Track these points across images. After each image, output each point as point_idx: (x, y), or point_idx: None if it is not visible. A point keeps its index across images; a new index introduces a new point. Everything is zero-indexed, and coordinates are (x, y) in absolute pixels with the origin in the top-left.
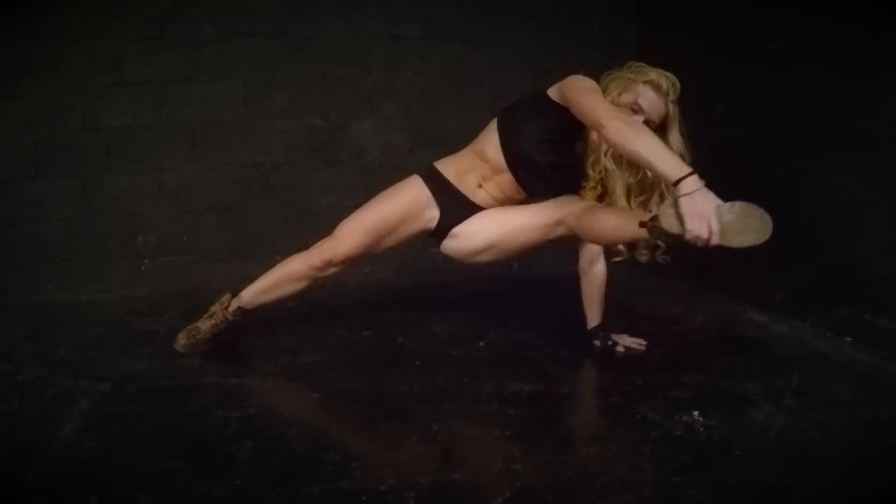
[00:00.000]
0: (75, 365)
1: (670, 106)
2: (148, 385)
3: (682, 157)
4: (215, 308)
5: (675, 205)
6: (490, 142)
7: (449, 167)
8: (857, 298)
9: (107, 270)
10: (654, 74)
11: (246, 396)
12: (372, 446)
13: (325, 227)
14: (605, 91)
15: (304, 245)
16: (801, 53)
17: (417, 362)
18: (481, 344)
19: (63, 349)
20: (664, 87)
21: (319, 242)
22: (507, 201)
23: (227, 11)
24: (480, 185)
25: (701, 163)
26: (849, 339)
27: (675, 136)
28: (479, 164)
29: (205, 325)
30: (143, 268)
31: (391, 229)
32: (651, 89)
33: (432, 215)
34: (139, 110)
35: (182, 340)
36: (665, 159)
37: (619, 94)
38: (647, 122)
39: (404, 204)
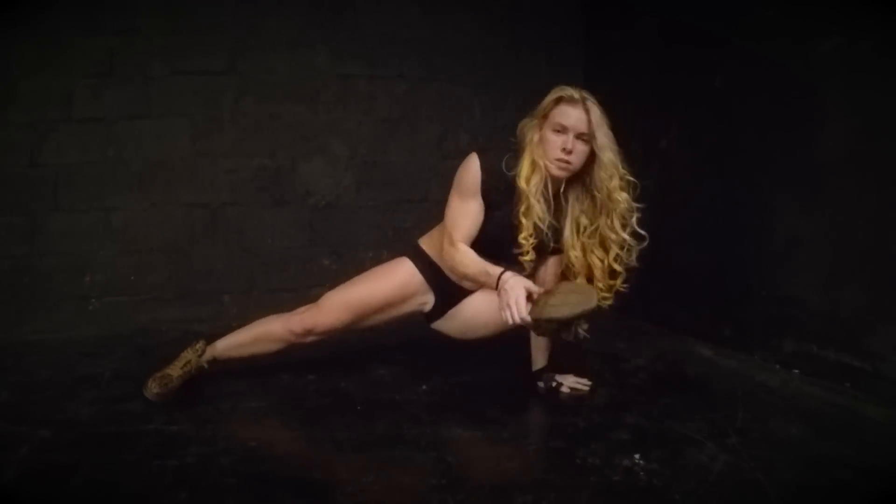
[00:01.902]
0: (17, 410)
1: (592, 108)
2: (89, 432)
3: (617, 170)
4: (188, 354)
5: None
6: None
7: (429, 246)
8: (803, 331)
9: (54, 310)
10: (559, 90)
11: (185, 444)
12: (302, 500)
13: (272, 268)
14: (524, 140)
15: (251, 285)
16: (743, 89)
17: (358, 408)
18: (424, 388)
19: (6, 392)
20: (576, 95)
21: (302, 308)
22: None
23: (177, 48)
24: None
25: (647, 197)
26: (796, 371)
27: (605, 149)
28: None
29: (176, 371)
30: (90, 307)
31: (376, 310)
32: (564, 104)
33: (426, 300)
34: (87, 147)
35: (154, 390)
36: (486, 275)
37: (538, 135)
38: (579, 137)
39: (395, 287)
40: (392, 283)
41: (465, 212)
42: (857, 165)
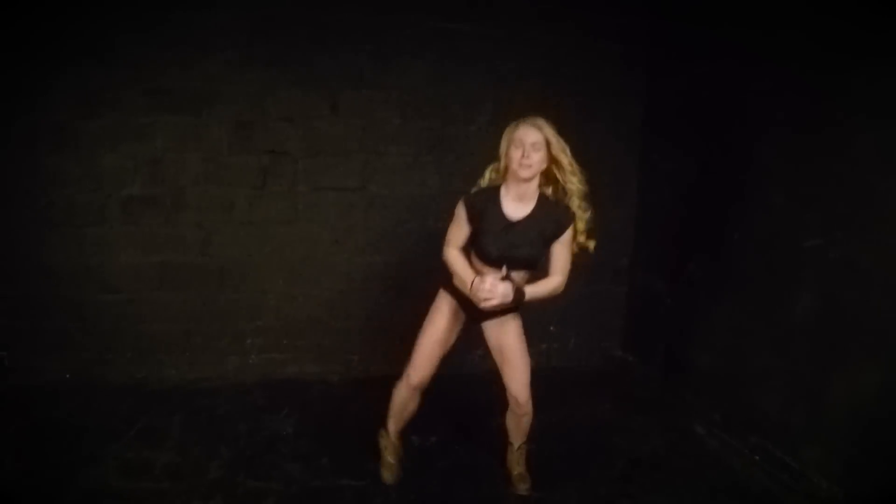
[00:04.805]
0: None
1: (541, 126)
2: (305, 486)
3: (574, 174)
4: (383, 442)
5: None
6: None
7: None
8: (764, 431)
9: (219, 363)
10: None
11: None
12: None
13: (390, 336)
14: (496, 171)
15: (373, 349)
16: None
17: None
18: None
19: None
20: (519, 121)
21: (407, 368)
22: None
23: (317, 169)
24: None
25: None
26: (757, 457)
27: (565, 159)
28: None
29: (388, 457)
30: (250, 361)
31: (443, 342)
32: (512, 129)
33: (462, 317)
34: (246, 244)
35: (387, 474)
36: (463, 275)
37: (506, 157)
38: (534, 148)
39: (443, 323)
40: (440, 320)
41: (455, 231)
42: None
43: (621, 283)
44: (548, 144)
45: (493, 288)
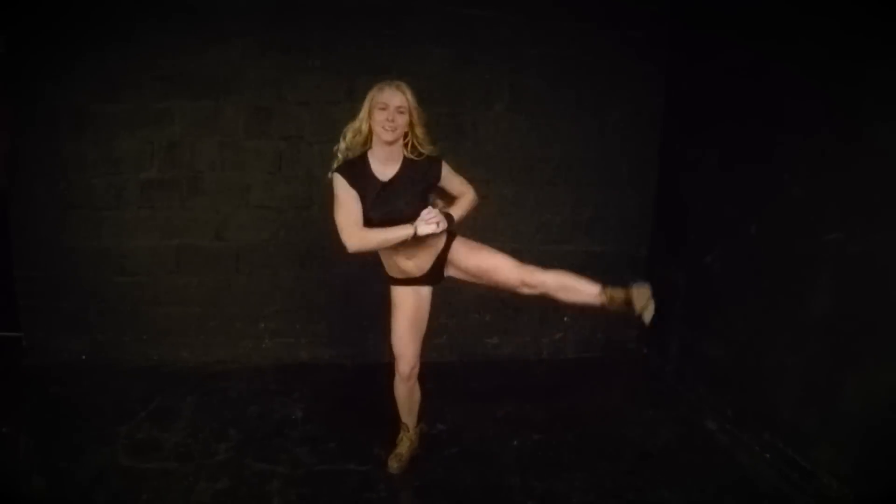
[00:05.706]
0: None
1: (404, 90)
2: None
3: (423, 142)
4: (401, 436)
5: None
6: None
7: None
8: (776, 428)
9: (233, 346)
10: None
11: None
12: None
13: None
14: (358, 132)
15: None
16: None
17: None
18: None
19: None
20: (383, 84)
21: (396, 364)
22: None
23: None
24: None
25: None
26: (767, 455)
27: (421, 127)
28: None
29: (403, 449)
30: (263, 346)
31: (415, 322)
32: (376, 92)
33: (426, 291)
34: (262, 229)
35: (395, 464)
36: (396, 232)
37: (368, 119)
38: (399, 111)
39: (406, 309)
40: (407, 309)
41: (347, 211)
42: None
43: (638, 274)
44: (409, 109)
45: (430, 217)
